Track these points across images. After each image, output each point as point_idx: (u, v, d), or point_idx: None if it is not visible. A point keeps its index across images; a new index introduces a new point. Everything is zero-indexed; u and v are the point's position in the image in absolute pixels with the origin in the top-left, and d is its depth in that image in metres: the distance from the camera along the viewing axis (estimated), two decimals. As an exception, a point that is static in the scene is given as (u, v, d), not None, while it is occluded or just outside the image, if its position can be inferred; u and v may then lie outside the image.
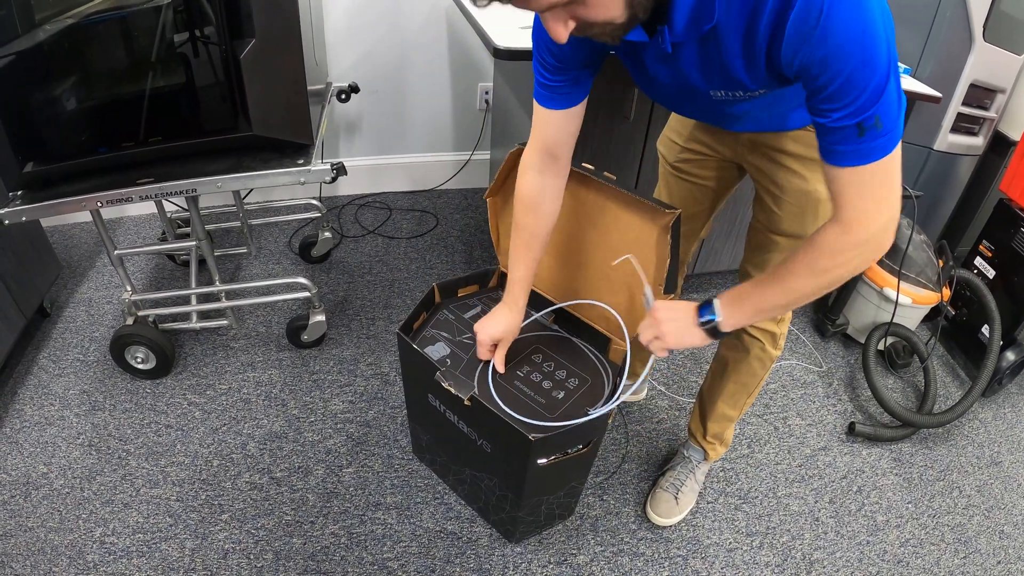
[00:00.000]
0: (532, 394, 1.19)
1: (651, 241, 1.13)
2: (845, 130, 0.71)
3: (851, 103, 0.69)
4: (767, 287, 0.90)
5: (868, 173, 0.74)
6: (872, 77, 0.67)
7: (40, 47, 1.22)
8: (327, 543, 1.35)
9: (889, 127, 0.71)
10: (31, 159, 1.32)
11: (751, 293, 0.92)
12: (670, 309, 1.00)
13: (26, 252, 1.69)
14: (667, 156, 1.23)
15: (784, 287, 0.88)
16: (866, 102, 0.68)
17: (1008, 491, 1.63)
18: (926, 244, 1.84)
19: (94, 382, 1.66)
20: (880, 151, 0.72)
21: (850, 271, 0.84)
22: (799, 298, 0.89)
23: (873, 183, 0.75)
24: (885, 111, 0.69)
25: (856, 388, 1.87)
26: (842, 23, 0.64)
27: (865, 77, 0.67)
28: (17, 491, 1.40)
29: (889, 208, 0.77)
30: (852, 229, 0.79)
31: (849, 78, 0.67)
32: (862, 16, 0.64)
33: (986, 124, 1.95)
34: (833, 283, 0.85)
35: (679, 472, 1.47)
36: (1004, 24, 1.75)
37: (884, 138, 0.71)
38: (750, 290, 0.92)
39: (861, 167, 0.73)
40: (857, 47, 0.66)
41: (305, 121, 1.47)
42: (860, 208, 0.77)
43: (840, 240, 0.80)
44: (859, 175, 0.74)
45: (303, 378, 1.71)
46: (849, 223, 0.78)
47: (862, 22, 0.65)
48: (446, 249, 2.23)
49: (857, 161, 0.73)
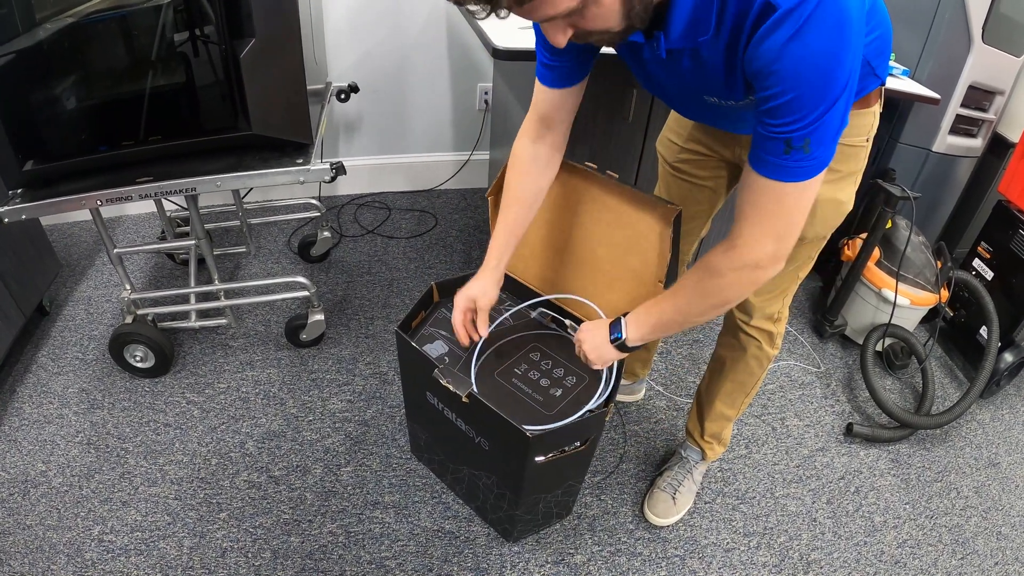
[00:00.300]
0: (530, 392, 1.20)
1: (653, 237, 1.14)
2: (775, 141, 0.72)
3: (791, 122, 0.70)
4: (664, 303, 0.95)
5: (779, 192, 0.76)
6: (818, 105, 0.69)
7: (40, 46, 1.22)
8: (325, 542, 1.35)
9: (816, 153, 0.72)
10: (31, 157, 1.33)
11: (651, 308, 0.97)
12: (589, 330, 1.08)
13: (26, 251, 1.70)
14: (666, 156, 1.24)
15: (676, 304, 0.93)
16: (804, 125, 0.70)
17: (1006, 492, 1.63)
18: (924, 245, 1.84)
19: (93, 380, 1.66)
20: (801, 173, 0.74)
21: (730, 296, 0.87)
22: (689, 316, 0.93)
23: (776, 208, 0.77)
24: (819, 138, 0.71)
25: (854, 389, 1.88)
26: (808, 48, 0.66)
27: (812, 103, 0.69)
28: (16, 489, 1.40)
29: (776, 242, 0.80)
30: (735, 250, 0.82)
31: (797, 99, 0.69)
32: (831, 46, 0.66)
33: (985, 126, 1.96)
34: (717, 306, 0.89)
35: (677, 472, 1.47)
36: (1003, 26, 1.75)
37: (808, 162, 0.73)
38: (651, 306, 0.97)
39: (776, 182, 0.75)
40: (814, 74, 0.67)
41: (305, 120, 1.47)
42: (749, 233, 0.80)
43: (722, 260, 0.83)
44: (771, 190, 0.76)
45: (302, 377, 1.71)
46: (734, 243, 0.82)
47: (827, 53, 0.66)
48: (445, 249, 2.24)
49: (776, 175, 0.75)
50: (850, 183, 1.01)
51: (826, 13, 0.64)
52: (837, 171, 0.98)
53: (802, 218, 0.78)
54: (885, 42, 0.89)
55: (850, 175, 1.01)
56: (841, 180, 1.00)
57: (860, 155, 0.99)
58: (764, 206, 0.78)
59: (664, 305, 0.95)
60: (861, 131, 0.97)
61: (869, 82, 0.92)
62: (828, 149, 0.73)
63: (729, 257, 0.83)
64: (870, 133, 0.98)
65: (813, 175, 0.74)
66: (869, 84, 0.92)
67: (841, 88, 0.68)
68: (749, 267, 0.82)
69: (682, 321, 0.95)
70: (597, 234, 1.24)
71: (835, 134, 0.72)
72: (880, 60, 0.90)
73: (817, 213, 1.03)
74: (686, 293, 0.92)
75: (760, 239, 0.80)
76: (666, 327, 0.98)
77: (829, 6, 0.64)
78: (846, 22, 0.65)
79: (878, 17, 0.85)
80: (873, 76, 0.91)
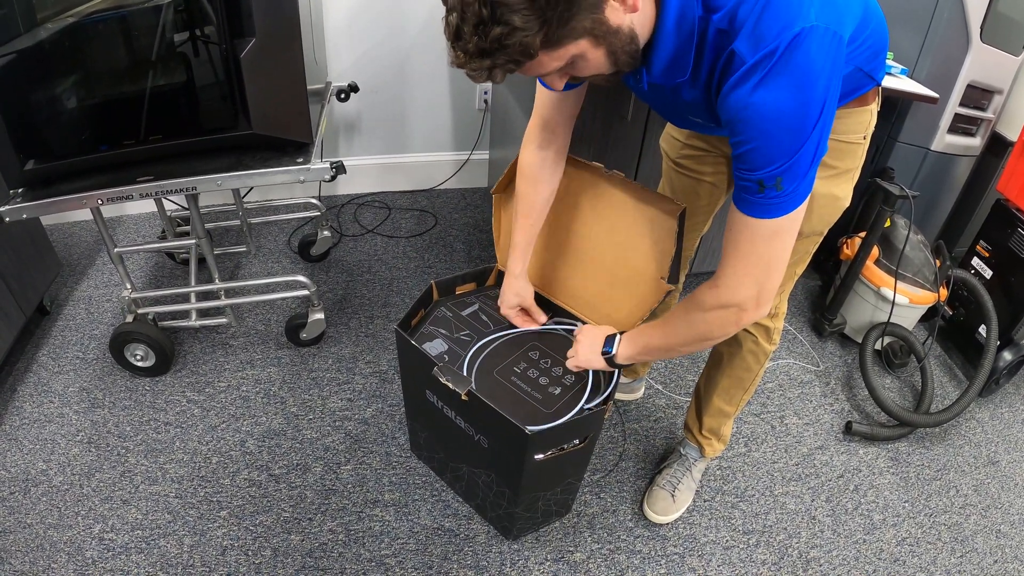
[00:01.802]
0: (529, 390, 1.20)
1: (658, 234, 1.15)
2: (748, 184, 0.77)
3: (760, 167, 0.75)
4: (654, 328, 1.02)
5: (755, 229, 0.80)
6: (787, 153, 0.73)
7: (41, 46, 1.23)
8: (325, 540, 1.35)
9: (789, 189, 0.76)
10: (32, 157, 1.33)
11: (643, 331, 1.04)
12: (588, 333, 1.15)
13: (26, 250, 1.70)
14: (669, 153, 1.25)
15: (665, 331, 0.99)
16: (773, 169, 0.74)
17: (1005, 490, 1.64)
18: (923, 244, 1.84)
19: (93, 379, 1.66)
20: (775, 210, 0.78)
21: (714, 331, 0.91)
22: (675, 345, 0.99)
23: (752, 247, 0.82)
24: (791, 176, 0.75)
25: (853, 387, 1.88)
26: (773, 104, 0.70)
27: (780, 152, 0.73)
28: (16, 487, 1.41)
29: (759, 285, 0.84)
30: (719, 289, 0.86)
31: (764, 148, 0.73)
32: (797, 101, 0.70)
33: (983, 125, 1.96)
34: (701, 339, 0.94)
35: (676, 470, 1.48)
36: (1001, 25, 1.76)
37: (783, 198, 0.77)
38: (644, 329, 1.04)
39: (753, 219, 0.80)
40: (780, 128, 0.72)
41: (305, 120, 1.48)
42: (732, 273, 0.85)
43: (708, 297, 0.88)
44: (748, 228, 0.81)
45: (302, 376, 1.72)
46: (719, 283, 0.86)
47: (793, 109, 0.70)
48: (445, 248, 2.24)
49: (753, 212, 0.79)
50: (847, 179, 1.02)
51: (791, 67, 0.68)
52: (834, 167, 0.99)
53: (781, 260, 0.83)
54: (880, 44, 0.89)
55: (847, 172, 1.01)
56: (838, 176, 1.00)
57: (857, 152, 1.00)
58: (741, 245, 0.83)
59: (654, 332, 1.02)
60: (858, 128, 0.97)
61: (864, 84, 0.92)
62: (802, 184, 0.77)
63: (714, 295, 0.87)
64: (867, 130, 0.98)
65: (789, 210, 0.78)
66: (864, 86, 0.93)
67: (809, 134, 0.72)
68: (733, 308, 0.86)
69: (668, 348, 1.01)
70: (599, 231, 1.25)
71: (808, 169, 0.76)
72: (875, 63, 0.90)
73: (814, 209, 1.04)
74: (674, 323, 0.98)
75: (742, 280, 0.84)
76: (653, 352, 1.05)
77: (794, 61, 0.68)
78: (812, 75, 0.69)
79: (872, 24, 0.85)
80: (868, 79, 0.91)
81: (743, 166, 0.77)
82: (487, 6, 0.64)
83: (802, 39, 0.68)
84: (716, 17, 0.72)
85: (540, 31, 0.66)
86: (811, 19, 0.68)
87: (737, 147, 0.76)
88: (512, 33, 0.65)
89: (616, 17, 0.70)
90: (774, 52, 0.68)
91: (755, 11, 0.69)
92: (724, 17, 0.71)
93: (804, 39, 0.68)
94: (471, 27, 0.66)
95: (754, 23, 0.69)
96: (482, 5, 0.64)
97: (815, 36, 0.68)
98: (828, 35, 0.69)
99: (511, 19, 0.64)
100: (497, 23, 0.65)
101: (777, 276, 0.84)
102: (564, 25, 0.67)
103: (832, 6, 0.70)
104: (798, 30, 0.67)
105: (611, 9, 0.70)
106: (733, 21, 0.71)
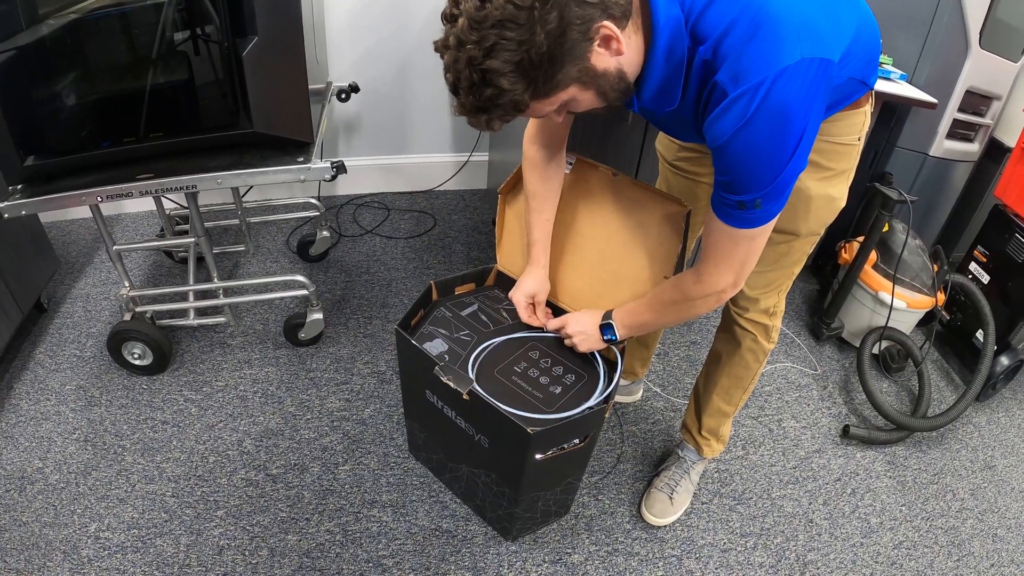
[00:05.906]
0: (530, 390, 1.20)
1: (663, 233, 1.16)
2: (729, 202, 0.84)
3: (741, 193, 0.80)
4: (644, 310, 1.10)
5: (735, 237, 0.87)
6: (767, 182, 0.78)
7: (43, 42, 1.23)
8: (322, 540, 1.35)
9: (767, 207, 0.82)
10: (32, 153, 1.33)
11: (635, 313, 1.12)
12: (580, 320, 1.21)
13: (24, 247, 1.69)
14: (665, 155, 1.26)
15: (652, 304, 1.08)
16: (752, 196, 0.80)
17: (1001, 495, 1.64)
18: (921, 249, 1.85)
19: (90, 378, 1.65)
20: (756, 222, 0.85)
21: (700, 312, 1.02)
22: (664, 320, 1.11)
23: (733, 249, 0.89)
24: (770, 198, 0.80)
25: (850, 391, 1.88)
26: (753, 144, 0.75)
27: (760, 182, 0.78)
28: (12, 485, 1.40)
29: (736, 274, 0.93)
30: (702, 282, 0.95)
31: (745, 179, 0.79)
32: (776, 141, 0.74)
33: (982, 130, 1.97)
34: (685, 317, 1.06)
35: (674, 472, 1.48)
36: (1000, 31, 1.77)
37: (760, 214, 0.83)
38: (634, 310, 1.11)
39: (731, 228, 0.86)
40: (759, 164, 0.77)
41: (306, 119, 1.48)
42: (715, 271, 0.93)
43: (691, 287, 0.97)
44: (727, 235, 0.88)
45: (300, 376, 1.71)
46: (701, 276, 0.95)
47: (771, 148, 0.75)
48: (444, 249, 2.24)
49: (731, 223, 0.86)
50: (842, 180, 1.03)
51: (770, 109, 0.71)
52: (830, 169, 1.00)
53: (756, 254, 0.91)
54: (874, 52, 0.90)
55: (842, 173, 1.02)
56: (834, 177, 1.01)
57: (852, 153, 1.00)
58: (722, 248, 0.90)
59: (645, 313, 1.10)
60: (852, 130, 0.98)
61: (858, 90, 0.93)
62: (780, 202, 0.83)
63: (699, 288, 0.96)
64: (862, 132, 0.99)
65: (765, 223, 0.85)
66: (858, 92, 0.93)
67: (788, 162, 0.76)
68: (714, 295, 0.96)
69: (656, 322, 1.12)
70: (604, 233, 1.25)
71: (787, 189, 0.81)
72: (868, 70, 0.91)
73: (811, 210, 1.04)
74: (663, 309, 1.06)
75: (724, 274, 0.93)
76: (645, 329, 1.15)
77: (773, 102, 0.70)
78: (790, 114, 0.72)
79: (866, 36, 0.86)
80: (862, 85, 0.92)
81: (724, 192, 0.82)
82: (477, 72, 0.70)
83: (783, 80, 0.70)
84: (702, 48, 0.75)
85: (528, 89, 0.72)
86: (795, 55, 0.69)
87: (720, 173, 0.82)
88: (502, 94, 0.71)
89: (602, 62, 0.74)
90: (755, 89, 0.70)
91: (738, 45, 0.72)
92: (709, 48, 0.74)
93: (785, 80, 0.70)
94: (464, 89, 0.73)
95: (736, 57, 0.72)
96: (472, 71, 0.70)
97: (797, 74, 0.70)
98: (814, 66, 0.71)
99: (500, 82, 0.70)
100: (487, 86, 0.71)
101: (752, 264, 0.92)
102: (550, 80, 0.72)
103: (818, 35, 0.71)
104: (780, 69, 0.69)
105: (596, 56, 0.73)
106: (717, 52, 0.74)
